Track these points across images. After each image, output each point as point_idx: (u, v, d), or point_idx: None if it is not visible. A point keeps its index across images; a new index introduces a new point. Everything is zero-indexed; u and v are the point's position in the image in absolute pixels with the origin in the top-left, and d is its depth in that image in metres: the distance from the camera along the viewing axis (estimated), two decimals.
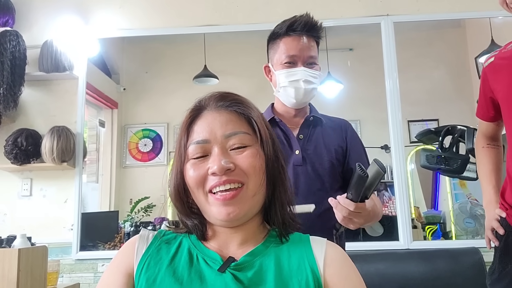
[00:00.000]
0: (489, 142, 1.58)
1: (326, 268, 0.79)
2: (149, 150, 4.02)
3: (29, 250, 2.00)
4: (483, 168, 1.58)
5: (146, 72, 4.13)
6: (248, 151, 0.80)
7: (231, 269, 0.77)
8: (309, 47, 1.40)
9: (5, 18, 2.88)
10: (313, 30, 1.41)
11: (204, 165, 0.79)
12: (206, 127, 0.80)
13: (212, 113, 0.82)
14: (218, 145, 0.79)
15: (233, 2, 3.01)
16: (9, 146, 2.68)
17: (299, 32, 1.39)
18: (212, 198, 0.78)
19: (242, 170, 0.78)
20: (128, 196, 3.76)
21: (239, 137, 0.80)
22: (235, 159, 0.79)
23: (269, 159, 0.81)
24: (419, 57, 3.76)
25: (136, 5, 3.06)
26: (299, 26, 1.39)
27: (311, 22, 1.40)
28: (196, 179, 0.79)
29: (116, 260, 0.84)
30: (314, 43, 1.43)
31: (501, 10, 2.87)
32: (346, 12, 2.93)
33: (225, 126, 0.80)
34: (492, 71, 1.42)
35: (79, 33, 2.98)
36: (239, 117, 0.82)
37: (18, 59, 2.73)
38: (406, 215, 2.70)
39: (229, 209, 0.77)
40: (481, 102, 1.52)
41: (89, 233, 2.87)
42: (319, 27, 1.42)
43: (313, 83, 1.41)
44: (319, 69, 1.45)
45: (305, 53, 1.39)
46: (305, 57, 1.39)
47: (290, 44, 1.40)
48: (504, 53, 1.40)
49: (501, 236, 1.40)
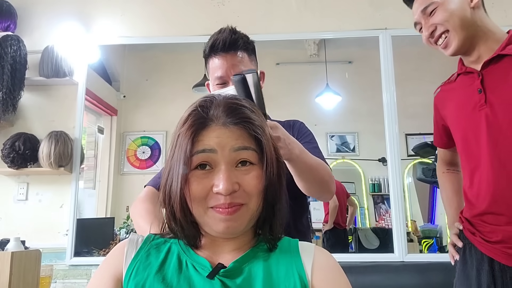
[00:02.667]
0: (448, 167, 1.63)
1: (314, 274, 0.79)
2: (147, 157, 4.02)
3: (22, 253, 1.99)
4: (444, 192, 1.65)
5: (146, 80, 4.15)
6: (254, 173, 0.78)
7: (220, 276, 0.77)
8: (236, 64, 1.36)
9: (7, 23, 2.90)
10: (235, 46, 1.36)
11: (208, 180, 0.77)
12: (215, 138, 0.77)
13: (220, 127, 0.78)
14: (225, 159, 0.77)
15: (233, 12, 3.04)
16: (6, 150, 2.69)
17: (221, 53, 1.35)
18: (212, 211, 0.78)
19: (245, 191, 0.77)
20: (125, 203, 3.75)
21: (247, 153, 0.78)
22: (241, 179, 0.77)
23: (271, 181, 0.79)
24: (417, 71, 3.78)
25: (138, 13, 3.09)
26: (219, 46, 1.35)
27: (230, 39, 1.36)
28: (200, 193, 0.77)
29: (105, 264, 0.83)
30: (244, 54, 1.38)
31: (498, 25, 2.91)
32: (345, 25, 2.97)
33: (234, 140, 0.78)
34: (440, 100, 1.53)
35: (80, 40, 3.00)
36: (248, 134, 0.79)
37: (18, 64, 2.75)
38: (401, 227, 2.70)
39: (229, 223, 0.77)
40: (435, 130, 1.61)
41: (84, 239, 2.86)
42: (241, 40, 1.38)
43: None
44: None
45: (232, 71, 1.34)
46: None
47: (216, 65, 1.37)
48: (449, 84, 1.51)
49: (460, 249, 1.45)
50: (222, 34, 1.37)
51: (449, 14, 1.37)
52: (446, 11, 1.37)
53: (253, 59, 1.43)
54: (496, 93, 1.31)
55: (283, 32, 3.01)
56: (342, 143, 4.31)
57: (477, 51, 1.39)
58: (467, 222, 1.42)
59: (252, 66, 1.42)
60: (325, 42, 3.84)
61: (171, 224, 0.83)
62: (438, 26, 1.40)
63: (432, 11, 1.40)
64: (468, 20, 1.37)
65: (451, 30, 1.38)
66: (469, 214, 1.42)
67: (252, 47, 1.43)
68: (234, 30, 1.39)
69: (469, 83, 1.40)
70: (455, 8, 1.37)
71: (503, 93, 1.30)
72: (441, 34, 1.40)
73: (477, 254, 1.38)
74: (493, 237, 1.32)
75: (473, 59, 1.41)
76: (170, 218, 0.83)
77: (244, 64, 1.38)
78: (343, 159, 4.26)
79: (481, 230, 1.36)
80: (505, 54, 1.32)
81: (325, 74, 3.75)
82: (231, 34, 1.37)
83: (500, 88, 1.31)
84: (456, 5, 1.37)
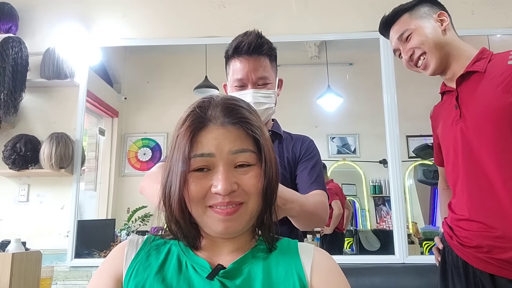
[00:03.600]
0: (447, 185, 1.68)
1: (313, 275, 0.79)
2: (148, 159, 4.03)
3: (23, 254, 1.99)
4: (441, 208, 1.77)
5: (147, 82, 4.16)
6: (253, 172, 0.79)
7: (219, 277, 0.78)
8: (258, 68, 1.36)
9: (9, 25, 2.91)
10: (260, 50, 1.36)
11: (207, 180, 0.78)
12: (213, 140, 0.77)
13: (218, 128, 0.78)
14: (223, 161, 0.77)
15: (234, 15, 3.05)
16: (7, 151, 2.69)
17: (245, 55, 1.36)
18: (211, 212, 0.78)
19: (244, 191, 0.78)
20: (125, 205, 3.75)
21: (245, 155, 0.78)
22: (239, 179, 0.78)
23: (269, 180, 0.80)
24: (418, 74, 3.76)
25: (139, 15, 3.10)
26: (244, 49, 1.36)
27: (255, 43, 1.36)
28: (198, 194, 0.77)
29: (105, 265, 0.84)
30: (266, 59, 1.39)
31: (497, 28, 2.92)
32: (346, 27, 2.97)
33: (233, 142, 0.78)
34: (434, 120, 1.64)
35: (82, 41, 3.01)
36: (246, 134, 0.79)
37: (20, 65, 2.75)
38: (402, 229, 2.69)
39: (228, 223, 0.77)
40: (434, 149, 1.70)
41: (85, 240, 2.86)
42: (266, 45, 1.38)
43: (264, 103, 1.38)
44: (274, 87, 1.42)
45: (253, 75, 1.36)
46: (254, 79, 1.37)
47: (237, 67, 1.37)
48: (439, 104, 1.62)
49: (441, 251, 1.55)
50: (248, 37, 1.37)
51: (424, 38, 1.50)
52: (421, 35, 1.50)
53: (274, 65, 1.44)
54: (469, 107, 1.41)
55: (284, 34, 3.01)
56: (343, 144, 4.31)
57: (451, 70, 1.51)
58: (447, 227, 1.51)
59: (273, 72, 1.42)
60: (326, 44, 3.85)
61: (171, 225, 0.84)
62: (415, 49, 1.52)
63: (407, 37, 1.53)
64: (441, 41, 1.49)
65: (427, 52, 1.50)
66: (450, 219, 1.52)
67: (275, 54, 1.44)
68: (260, 35, 1.40)
69: (450, 101, 1.51)
70: (429, 32, 1.50)
71: (472, 107, 1.40)
72: (419, 56, 1.53)
73: (453, 257, 1.46)
74: (468, 242, 1.40)
75: (449, 77, 1.52)
76: (169, 219, 0.83)
77: (266, 70, 1.38)
78: (344, 160, 4.27)
79: (458, 235, 1.44)
80: (473, 71, 1.43)
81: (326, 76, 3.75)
82: (257, 38, 1.38)
83: (470, 103, 1.41)
84: (429, 29, 1.50)
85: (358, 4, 3.01)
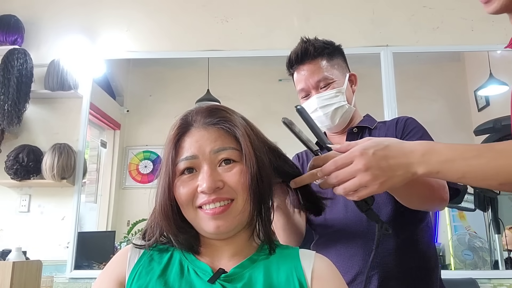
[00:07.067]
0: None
1: (314, 281, 0.80)
2: (149, 172, 4.02)
3: (24, 263, 1.99)
4: None
5: (150, 96, 4.18)
6: (237, 168, 0.80)
7: (221, 281, 0.78)
8: (313, 73, 1.35)
9: (14, 37, 2.95)
10: (307, 55, 1.35)
11: (193, 182, 0.80)
12: (195, 143, 0.81)
13: (200, 130, 0.82)
14: (207, 161, 0.79)
15: (236, 29, 3.09)
16: (10, 162, 2.71)
17: (298, 65, 1.37)
18: (201, 212, 0.80)
19: (231, 188, 0.79)
20: (126, 217, 3.74)
21: (227, 152, 0.80)
22: (224, 176, 0.79)
23: (253, 177, 0.80)
24: (418, 90, 3.81)
25: (143, 28, 3.14)
26: (294, 59, 1.37)
27: (301, 50, 1.36)
28: (186, 196, 0.80)
29: (108, 269, 0.85)
30: (320, 60, 1.36)
31: (497, 44, 2.95)
32: (346, 41, 2.96)
33: (214, 142, 0.80)
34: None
35: (86, 53, 3.05)
36: (227, 133, 0.82)
37: (24, 77, 2.79)
38: None
39: (219, 222, 0.78)
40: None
41: (85, 252, 2.85)
42: (312, 47, 1.36)
43: (332, 104, 1.35)
44: (340, 84, 1.37)
45: (311, 80, 1.35)
46: (314, 84, 1.35)
47: (296, 79, 1.39)
48: None
49: None
50: (295, 47, 1.38)
51: None
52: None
53: (336, 62, 1.39)
54: None
55: (286, 48, 3.02)
56: None
57: None
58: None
59: (335, 70, 1.38)
60: None
61: (169, 235, 0.85)
62: None
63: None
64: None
65: None
66: None
67: (330, 50, 1.39)
68: (304, 40, 1.39)
69: None
70: None
71: None
72: None
73: None
74: None
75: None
76: (168, 228, 0.83)
77: (323, 71, 1.35)
78: None
79: None
80: None
81: None
82: (302, 44, 1.37)
83: None
84: None
85: (358, 19, 3.05)
